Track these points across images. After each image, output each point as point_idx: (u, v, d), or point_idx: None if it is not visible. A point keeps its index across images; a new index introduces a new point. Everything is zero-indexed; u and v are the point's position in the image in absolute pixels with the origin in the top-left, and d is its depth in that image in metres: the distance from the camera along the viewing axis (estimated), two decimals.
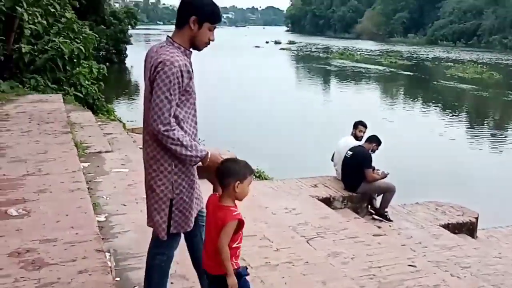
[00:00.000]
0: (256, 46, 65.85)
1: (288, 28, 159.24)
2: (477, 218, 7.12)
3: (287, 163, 11.78)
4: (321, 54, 54.97)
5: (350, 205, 7.00)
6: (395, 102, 25.51)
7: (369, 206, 7.18)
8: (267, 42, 75.14)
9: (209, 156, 2.75)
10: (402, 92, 29.97)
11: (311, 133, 15.72)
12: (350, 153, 7.13)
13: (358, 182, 6.98)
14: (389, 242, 5.58)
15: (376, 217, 6.90)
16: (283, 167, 10.81)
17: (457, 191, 10.33)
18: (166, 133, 2.64)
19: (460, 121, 20.16)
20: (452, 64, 42.84)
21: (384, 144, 7.55)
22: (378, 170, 7.17)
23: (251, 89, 25.46)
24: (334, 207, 6.85)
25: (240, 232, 2.68)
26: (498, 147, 15.83)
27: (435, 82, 31.91)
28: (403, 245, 5.77)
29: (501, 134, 18.12)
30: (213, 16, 2.77)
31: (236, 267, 2.66)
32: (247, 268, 2.76)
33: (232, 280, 2.61)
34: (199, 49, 2.84)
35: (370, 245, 5.21)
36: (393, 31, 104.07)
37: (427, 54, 58.92)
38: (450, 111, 22.32)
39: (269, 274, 3.97)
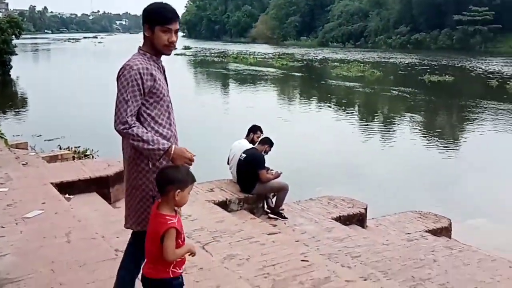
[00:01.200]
0: None
1: (184, 34, 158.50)
2: (366, 209, 7.50)
3: None
4: (215, 59, 55.19)
5: (246, 206, 7.07)
6: (288, 102, 26.23)
7: (265, 206, 7.30)
8: None
9: (172, 148, 2.80)
10: (294, 92, 30.93)
11: (210, 137, 15.70)
12: (244, 155, 7.21)
13: (253, 183, 7.07)
14: (283, 239, 5.69)
15: (271, 216, 7.03)
16: None
17: (348, 184, 10.83)
18: (124, 131, 2.77)
19: (348, 116, 21.15)
20: (338, 64, 44.90)
21: (279, 142, 7.73)
22: (271, 170, 7.30)
23: None
24: (231, 209, 6.88)
25: (179, 241, 2.68)
26: (384, 139, 16.80)
27: (323, 82, 33.32)
28: (297, 241, 5.92)
29: (385, 127, 19.26)
30: (160, 18, 2.86)
31: (172, 276, 2.71)
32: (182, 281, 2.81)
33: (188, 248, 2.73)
34: (164, 53, 2.94)
35: (264, 244, 5.28)
36: (286, 35, 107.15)
37: (317, 56, 61.24)
38: (339, 107, 23.38)
39: None
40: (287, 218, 6.98)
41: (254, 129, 7.68)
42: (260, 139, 7.46)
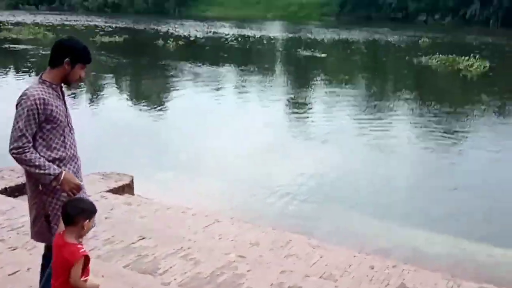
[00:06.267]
0: None
1: None
2: None
3: None
4: None
5: None
6: None
7: None
8: None
9: (62, 175, 3.07)
10: None
11: None
12: None
13: None
14: None
15: None
16: None
17: None
18: (17, 156, 3.03)
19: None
20: (12, 26, 41.75)
21: None
22: None
23: None
24: None
25: (88, 267, 2.85)
26: (90, 103, 16.09)
27: None
28: None
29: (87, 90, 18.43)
30: (85, 59, 3.22)
31: None
32: None
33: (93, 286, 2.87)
34: (69, 85, 3.29)
35: None
36: None
37: None
38: (22, 71, 21.62)
39: None
40: None
41: None
42: None
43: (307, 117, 15.13)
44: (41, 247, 3.49)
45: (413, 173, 9.93)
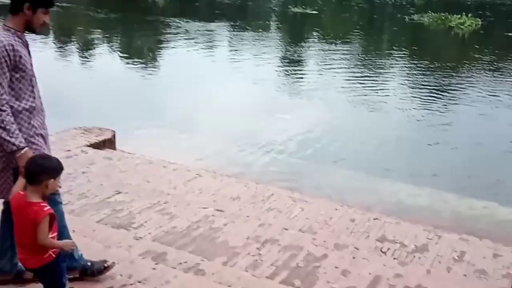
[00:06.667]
0: None
1: None
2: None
3: None
4: None
5: None
6: None
7: None
8: None
9: (24, 150, 2.89)
10: None
11: None
12: None
13: None
14: None
15: None
16: None
17: None
18: None
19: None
20: None
21: None
22: None
23: None
24: None
25: (55, 224, 2.75)
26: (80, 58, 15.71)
27: None
28: None
29: (79, 47, 18.03)
30: (46, 2, 3.03)
31: (54, 256, 2.75)
32: (65, 256, 2.89)
33: (65, 244, 2.78)
34: (35, 32, 3.10)
35: None
36: None
37: None
38: None
39: None
40: None
41: None
42: None
43: (296, 74, 14.94)
44: None
45: (398, 129, 9.87)
